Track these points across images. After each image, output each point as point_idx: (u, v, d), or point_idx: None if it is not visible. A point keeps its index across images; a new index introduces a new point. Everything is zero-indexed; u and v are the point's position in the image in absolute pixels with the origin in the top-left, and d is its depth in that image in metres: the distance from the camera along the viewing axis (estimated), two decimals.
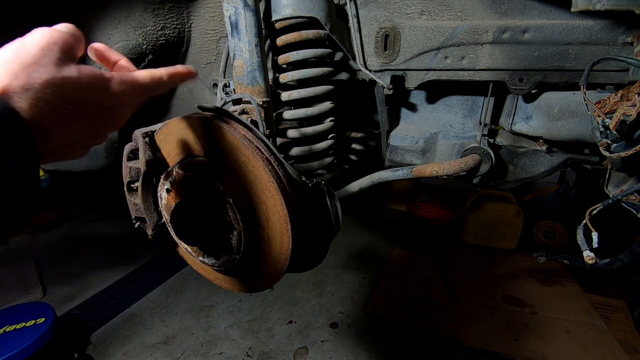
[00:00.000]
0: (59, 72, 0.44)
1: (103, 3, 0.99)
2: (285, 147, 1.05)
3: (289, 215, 0.64)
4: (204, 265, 0.76)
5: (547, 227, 3.44)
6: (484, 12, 0.94)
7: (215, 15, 1.08)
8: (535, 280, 2.90)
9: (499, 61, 0.96)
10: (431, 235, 3.66)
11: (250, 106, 0.76)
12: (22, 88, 0.41)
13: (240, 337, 2.42)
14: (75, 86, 0.46)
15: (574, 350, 2.23)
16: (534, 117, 1.05)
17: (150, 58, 1.10)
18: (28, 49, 0.44)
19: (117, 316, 2.60)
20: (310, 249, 0.77)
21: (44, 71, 0.43)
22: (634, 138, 0.75)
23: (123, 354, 2.28)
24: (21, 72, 0.42)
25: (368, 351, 2.28)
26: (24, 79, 0.42)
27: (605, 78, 0.92)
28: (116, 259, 3.30)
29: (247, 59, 0.78)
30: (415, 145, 1.21)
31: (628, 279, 2.89)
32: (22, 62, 0.42)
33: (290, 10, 0.90)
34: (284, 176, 0.66)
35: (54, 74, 0.44)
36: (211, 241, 0.71)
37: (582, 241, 0.90)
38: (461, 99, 1.19)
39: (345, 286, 2.90)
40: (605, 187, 0.99)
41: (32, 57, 0.43)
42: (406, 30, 0.99)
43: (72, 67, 0.46)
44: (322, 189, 0.73)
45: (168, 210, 0.74)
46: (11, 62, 0.42)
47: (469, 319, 2.48)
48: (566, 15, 0.88)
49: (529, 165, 1.16)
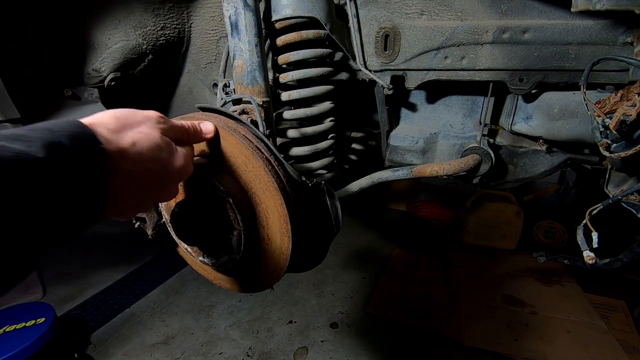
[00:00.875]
0: (154, 134, 0.51)
1: (103, 3, 0.99)
2: (285, 147, 1.05)
3: (289, 215, 0.64)
4: (204, 265, 0.76)
5: (547, 227, 3.44)
6: (484, 12, 0.94)
7: (215, 15, 1.08)
8: (535, 280, 2.90)
9: (499, 61, 0.96)
10: (431, 235, 3.66)
11: (250, 106, 0.76)
12: (115, 132, 0.46)
13: (240, 337, 2.42)
14: (162, 150, 0.52)
15: (574, 350, 2.23)
16: (534, 117, 1.05)
17: (150, 58, 1.10)
18: (137, 112, 0.52)
19: (117, 316, 2.60)
20: (310, 249, 0.77)
21: (142, 129, 0.50)
22: (634, 138, 0.75)
23: (123, 354, 2.28)
24: (122, 122, 0.48)
25: (368, 351, 2.28)
26: (121, 127, 0.48)
27: (605, 78, 0.92)
28: (116, 259, 3.30)
29: (247, 59, 0.78)
30: (415, 145, 1.21)
31: (628, 279, 2.89)
32: (127, 117, 0.49)
33: (290, 10, 0.90)
34: (284, 176, 0.66)
35: (150, 132, 0.51)
36: (211, 241, 0.71)
37: (582, 241, 0.90)
38: (461, 99, 1.19)
39: (345, 286, 2.90)
40: (605, 187, 0.99)
41: (137, 116, 0.51)
42: (406, 30, 0.99)
43: (168, 140, 0.54)
44: (322, 189, 0.73)
45: (168, 210, 0.74)
46: (119, 112, 0.49)
47: (469, 319, 2.48)
48: (566, 15, 0.88)
49: (529, 165, 1.16)
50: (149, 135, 0.50)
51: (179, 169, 0.56)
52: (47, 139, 0.37)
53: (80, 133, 0.42)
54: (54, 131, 0.39)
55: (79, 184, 0.40)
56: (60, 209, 0.39)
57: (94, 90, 1.08)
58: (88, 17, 0.99)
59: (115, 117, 0.48)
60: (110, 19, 1.00)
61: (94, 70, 1.05)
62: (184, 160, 0.57)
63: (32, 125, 0.40)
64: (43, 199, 0.37)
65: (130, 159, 0.47)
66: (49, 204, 0.37)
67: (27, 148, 0.36)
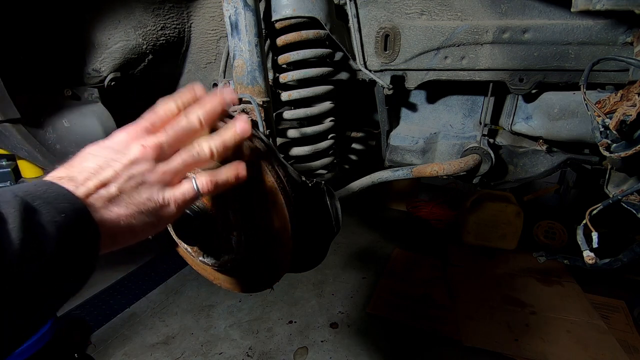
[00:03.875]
0: (139, 199, 0.48)
1: (103, 3, 0.99)
2: (285, 147, 1.05)
3: (289, 215, 0.64)
4: (204, 265, 0.76)
5: (547, 227, 3.44)
6: (484, 12, 0.94)
7: (215, 15, 1.08)
8: (535, 280, 2.90)
9: (499, 61, 0.96)
10: (431, 235, 3.66)
11: (250, 106, 0.75)
12: (102, 201, 0.45)
13: (240, 337, 2.42)
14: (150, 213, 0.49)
15: (574, 350, 2.23)
16: (534, 117, 1.05)
17: (150, 58, 1.10)
18: (122, 156, 0.48)
19: (117, 316, 2.60)
20: (310, 249, 0.77)
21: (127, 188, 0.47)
22: (634, 138, 0.75)
23: (123, 354, 2.28)
24: (105, 177, 0.46)
25: (368, 351, 2.28)
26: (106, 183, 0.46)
27: (605, 78, 0.92)
28: (116, 259, 3.30)
29: (247, 59, 0.78)
30: (415, 145, 1.21)
31: (628, 279, 2.89)
32: (113, 169, 0.46)
33: (290, 10, 0.90)
34: (284, 176, 0.66)
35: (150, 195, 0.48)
36: (211, 241, 0.71)
37: (582, 241, 0.90)
38: (461, 99, 1.19)
39: (345, 286, 2.90)
40: (605, 187, 0.99)
41: (122, 162, 0.47)
42: (406, 30, 0.99)
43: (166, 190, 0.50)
44: (322, 189, 0.73)
45: None
46: (101, 161, 0.47)
47: (469, 319, 2.48)
48: (566, 15, 0.88)
49: (529, 165, 1.16)
50: (133, 202, 0.47)
51: (171, 217, 0.53)
52: (53, 235, 0.39)
53: (73, 213, 0.41)
54: (41, 213, 0.39)
55: (77, 260, 0.42)
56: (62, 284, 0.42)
57: (94, 90, 1.08)
58: (88, 17, 0.99)
59: (97, 170, 0.46)
60: (110, 19, 1.00)
61: (94, 70, 1.05)
62: (176, 208, 0.52)
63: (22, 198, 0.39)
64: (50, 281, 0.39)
65: (116, 227, 0.47)
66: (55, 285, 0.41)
67: (38, 249, 0.37)
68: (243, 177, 0.56)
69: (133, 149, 0.48)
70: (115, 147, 0.48)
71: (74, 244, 0.41)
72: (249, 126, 0.56)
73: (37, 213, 0.38)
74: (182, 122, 0.52)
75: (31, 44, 0.97)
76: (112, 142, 0.49)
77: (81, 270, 0.43)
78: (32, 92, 1.00)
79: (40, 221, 0.38)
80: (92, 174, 0.45)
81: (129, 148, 0.48)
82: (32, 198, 0.39)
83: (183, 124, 0.52)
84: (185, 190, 0.52)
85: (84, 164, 0.46)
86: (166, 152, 0.50)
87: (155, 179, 0.49)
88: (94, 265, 0.45)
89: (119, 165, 0.47)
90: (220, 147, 0.53)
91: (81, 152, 0.48)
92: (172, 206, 0.51)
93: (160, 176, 0.49)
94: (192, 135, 0.53)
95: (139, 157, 0.48)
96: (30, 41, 0.97)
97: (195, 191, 0.53)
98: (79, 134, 1.02)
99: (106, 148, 0.48)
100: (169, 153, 0.51)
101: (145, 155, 0.48)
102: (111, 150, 0.48)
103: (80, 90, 1.06)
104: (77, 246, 0.41)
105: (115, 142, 0.49)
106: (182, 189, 0.52)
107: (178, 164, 0.51)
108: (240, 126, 0.55)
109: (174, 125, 0.52)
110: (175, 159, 0.51)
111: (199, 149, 0.52)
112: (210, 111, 0.54)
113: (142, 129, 0.50)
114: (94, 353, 2.26)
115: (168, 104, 0.53)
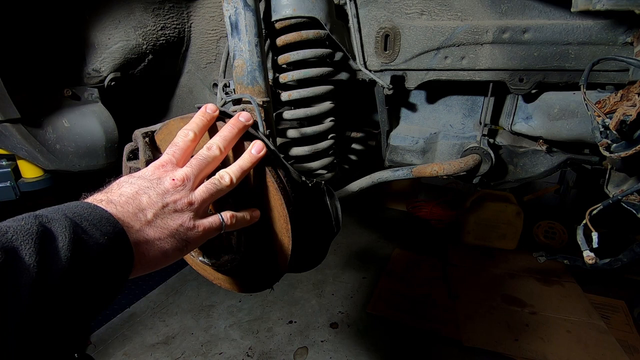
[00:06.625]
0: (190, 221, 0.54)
1: (103, 3, 0.99)
2: (285, 147, 1.05)
3: (289, 215, 0.64)
4: (204, 265, 0.76)
5: (547, 227, 3.44)
6: (484, 12, 0.94)
7: (215, 15, 1.08)
8: (535, 280, 2.90)
9: (499, 61, 0.96)
10: (431, 235, 3.66)
11: (250, 106, 0.75)
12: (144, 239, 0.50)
13: (240, 337, 2.42)
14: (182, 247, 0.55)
15: (574, 350, 2.23)
16: (534, 117, 1.05)
17: (150, 58, 1.10)
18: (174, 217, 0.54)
19: (117, 316, 2.60)
20: (310, 249, 0.77)
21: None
22: (634, 138, 0.75)
23: (123, 354, 2.28)
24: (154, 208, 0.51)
25: (368, 351, 2.28)
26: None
27: (605, 78, 0.92)
28: None
29: (247, 59, 0.78)
30: (415, 145, 1.21)
31: (628, 279, 2.89)
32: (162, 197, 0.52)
33: (290, 10, 0.90)
34: (284, 176, 0.66)
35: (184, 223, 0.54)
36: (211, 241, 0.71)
37: (582, 241, 0.90)
38: (461, 99, 1.19)
39: (345, 286, 2.90)
40: (605, 187, 0.99)
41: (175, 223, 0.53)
42: (406, 30, 0.99)
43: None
44: (322, 189, 0.73)
45: None
46: (152, 192, 0.52)
47: (469, 319, 2.48)
48: (566, 15, 0.88)
49: (529, 165, 1.16)
50: (166, 226, 0.52)
51: (197, 243, 0.58)
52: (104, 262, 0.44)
53: (114, 235, 0.46)
54: (88, 233, 0.43)
55: (110, 280, 0.46)
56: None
57: (94, 90, 1.08)
58: (88, 17, 0.99)
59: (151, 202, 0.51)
60: (110, 19, 1.00)
61: (94, 70, 1.05)
62: (203, 234, 0.57)
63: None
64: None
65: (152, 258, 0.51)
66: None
67: (82, 267, 0.41)
68: (256, 219, 0.65)
69: (165, 181, 0.54)
70: (148, 178, 0.54)
71: (111, 265, 0.45)
72: (264, 147, 0.62)
73: (85, 234, 0.42)
74: (205, 153, 0.59)
75: (31, 43, 0.97)
76: (144, 173, 0.55)
77: (111, 291, 0.46)
78: (32, 92, 1.00)
79: (88, 242, 0.42)
80: (130, 198, 0.50)
81: (161, 180, 0.54)
82: (80, 219, 0.44)
83: (205, 155, 0.59)
84: (212, 220, 0.59)
85: (122, 189, 0.51)
86: (193, 182, 0.56)
87: (185, 207, 0.54)
88: (123, 287, 0.48)
89: (153, 193, 0.52)
90: (239, 174, 0.60)
91: (116, 180, 0.54)
92: (200, 232, 0.56)
93: (189, 205, 0.55)
94: (215, 163, 0.60)
95: (170, 188, 0.54)
96: (31, 41, 0.97)
97: (221, 221, 0.59)
98: (79, 134, 1.02)
99: (140, 178, 0.54)
100: (195, 183, 0.57)
101: (176, 186, 0.54)
102: (145, 180, 0.53)
103: (80, 90, 1.06)
104: (113, 267, 0.45)
105: (147, 173, 0.55)
106: (210, 219, 0.58)
107: (204, 193, 0.57)
108: (256, 148, 0.62)
109: (198, 157, 0.58)
110: (201, 188, 0.57)
111: (221, 178, 0.59)
112: (227, 138, 0.61)
113: (169, 162, 0.57)
114: (94, 353, 2.26)
115: (187, 134, 0.60)
